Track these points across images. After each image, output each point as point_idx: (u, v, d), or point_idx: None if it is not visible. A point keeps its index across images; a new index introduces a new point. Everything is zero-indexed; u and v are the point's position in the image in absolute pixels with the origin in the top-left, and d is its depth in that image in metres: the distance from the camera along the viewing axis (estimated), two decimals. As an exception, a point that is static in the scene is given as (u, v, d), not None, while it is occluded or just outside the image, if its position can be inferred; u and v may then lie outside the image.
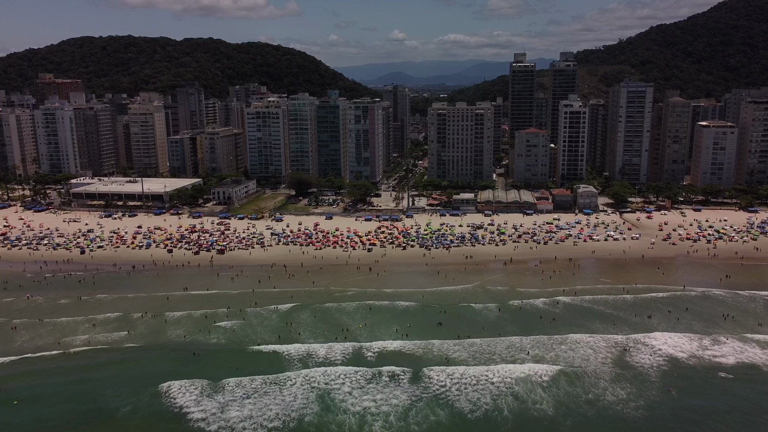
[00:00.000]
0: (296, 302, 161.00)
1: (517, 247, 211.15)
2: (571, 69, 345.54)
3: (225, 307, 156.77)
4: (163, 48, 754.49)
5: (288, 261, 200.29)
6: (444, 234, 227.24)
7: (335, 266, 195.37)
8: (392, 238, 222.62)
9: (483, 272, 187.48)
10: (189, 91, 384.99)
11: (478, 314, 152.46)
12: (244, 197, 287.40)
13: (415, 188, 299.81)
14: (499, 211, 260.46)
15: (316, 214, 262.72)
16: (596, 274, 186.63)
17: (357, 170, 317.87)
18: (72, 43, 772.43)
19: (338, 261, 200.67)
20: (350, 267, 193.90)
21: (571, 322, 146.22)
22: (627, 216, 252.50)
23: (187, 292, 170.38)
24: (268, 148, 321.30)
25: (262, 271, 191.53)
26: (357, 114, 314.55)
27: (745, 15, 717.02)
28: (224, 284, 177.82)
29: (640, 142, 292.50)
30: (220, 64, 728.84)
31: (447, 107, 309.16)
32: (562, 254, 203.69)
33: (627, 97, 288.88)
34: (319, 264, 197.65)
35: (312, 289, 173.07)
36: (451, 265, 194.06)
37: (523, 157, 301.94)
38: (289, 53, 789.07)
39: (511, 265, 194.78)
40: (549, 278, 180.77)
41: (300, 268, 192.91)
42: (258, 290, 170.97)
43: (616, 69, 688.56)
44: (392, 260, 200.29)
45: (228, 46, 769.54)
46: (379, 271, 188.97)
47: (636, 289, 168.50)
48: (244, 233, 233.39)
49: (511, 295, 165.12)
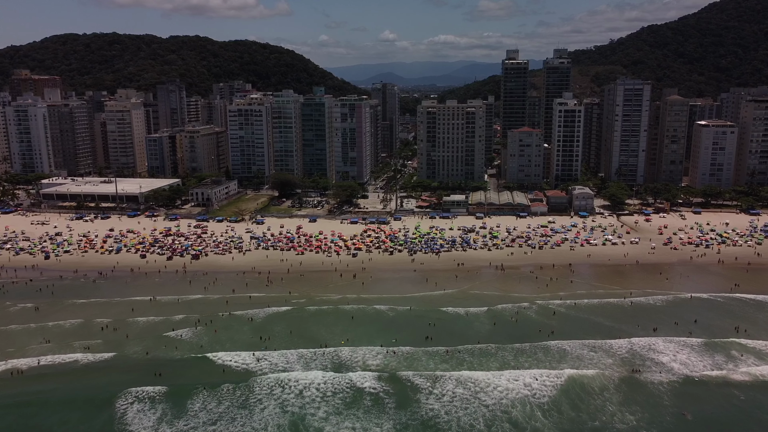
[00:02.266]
0: (272, 313, 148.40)
1: (511, 253, 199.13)
2: (565, 66, 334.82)
3: (194, 319, 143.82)
4: (148, 45, 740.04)
5: (266, 267, 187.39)
6: (434, 238, 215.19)
7: (317, 273, 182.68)
8: (379, 243, 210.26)
9: (475, 279, 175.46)
10: (170, 89, 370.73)
11: (469, 326, 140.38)
12: (225, 199, 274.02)
13: (404, 189, 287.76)
14: (492, 213, 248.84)
15: (300, 216, 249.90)
16: (595, 281, 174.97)
17: (343, 170, 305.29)
18: (55, 40, 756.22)
19: (320, 267, 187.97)
20: (333, 273, 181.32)
21: (571, 334, 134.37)
22: (624, 219, 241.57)
23: (155, 302, 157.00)
24: (250, 147, 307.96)
25: (238, 278, 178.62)
26: (343, 112, 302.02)
27: (735, 16, 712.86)
28: (196, 293, 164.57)
29: (637, 142, 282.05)
30: (206, 62, 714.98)
31: (437, 105, 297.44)
32: (559, 260, 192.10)
33: (624, 95, 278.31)
34: (300, 270, 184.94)
35: (290, 297, 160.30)
36: (440, 272, 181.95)
37: (516, 157, 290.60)
38: (277, 51, 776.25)
39: (504, 272, 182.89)
40: (545, 286, 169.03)
41: (279, 275, 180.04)
42: (232, 299, 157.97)
43: (608, 69, 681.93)
44: (378, 266, 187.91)
45: (215, 44, 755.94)
46: (363, 279, 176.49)
47: (638, 299, 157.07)
48: (222, 237, 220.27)
49: (505, 304, 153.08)
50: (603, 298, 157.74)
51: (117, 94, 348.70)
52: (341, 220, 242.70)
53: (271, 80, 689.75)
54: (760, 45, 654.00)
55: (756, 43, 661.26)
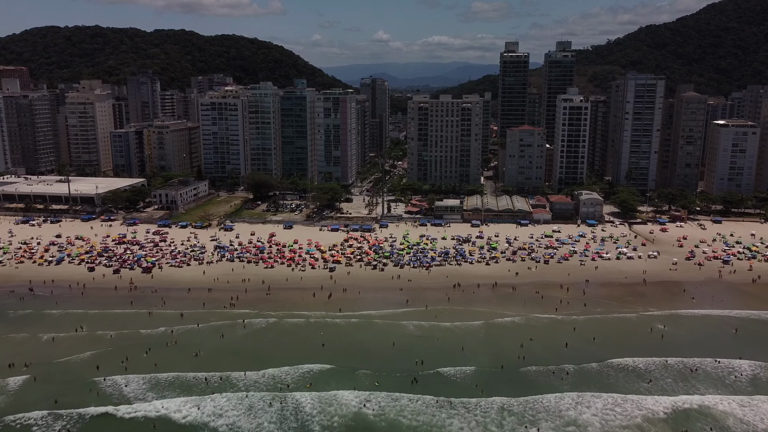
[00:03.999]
0: (223, 345, 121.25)
1: (515, 271, 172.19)
2: (569, 60, 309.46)
3: (123, 356, 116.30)
4: (131, 39, 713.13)
5: (228, 283, 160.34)
6: (424, 249, 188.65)
7: (286, 291, 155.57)
8: (361, 254, 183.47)
9: (471, 301, 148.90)
10: (141, 80, 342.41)
11: (464, 365, 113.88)
12: (193, 201, 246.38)
13: (392, 193, 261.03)
14: (489, 220, 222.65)
15: (274, 222, 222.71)
16: (613, 305, 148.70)
17: (326, 171, 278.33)
18: (35, 32, 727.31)
19: (291, 283, 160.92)
20: (305, 292, 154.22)
21: (590, 382, 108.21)
22: (638, 228, 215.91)
23: (82, 333, 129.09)
24: (225, 144, 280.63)
25: (191, 297, 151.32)
26: (326, 107, 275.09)
27: (735, 17, 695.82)
28: (136, 319, 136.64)
29: (649, 143, 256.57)
30: (190, 56, 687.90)
31: (429, 100, 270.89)
32: (568, 277, 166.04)
33: (635, 91, 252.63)
34: (267, 286, 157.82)
35: (252, 319, 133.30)
36: (431, 291, 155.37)
37: (516, 158, 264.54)
38: (265, 47, 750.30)
39: (504, 291, 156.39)
40: (554, 310, 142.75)
41: (241, 294, 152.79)
42: (177, 329, 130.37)
43: (606, 69, 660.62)
44: (359, 283, 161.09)
45: (200, 38, 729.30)
46: (340, 300, 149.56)
47: (669, 330, 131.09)
48: (182, 245, 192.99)
49: (508, 339, 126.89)
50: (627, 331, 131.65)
51: (80, 84, 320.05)
52: (320, 227, 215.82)
53: (258, 76, 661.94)
54: (761, 47, 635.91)
55: (756, 44, 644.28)
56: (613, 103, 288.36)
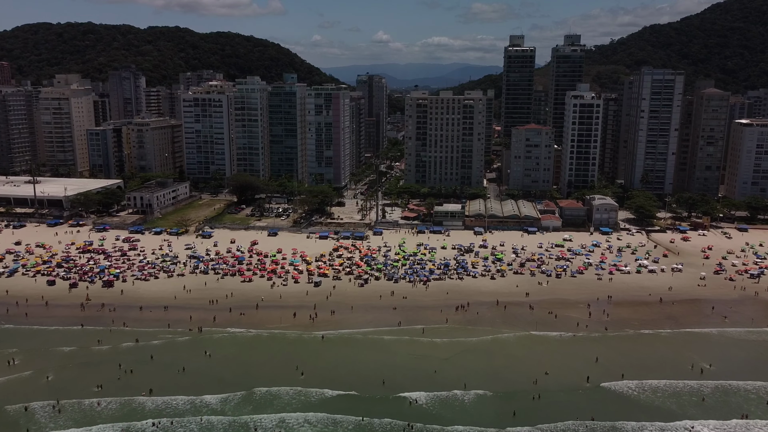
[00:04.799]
0: (175, 394, 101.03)
1: (520, 284, 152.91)
2: (577, 55, 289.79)
3: (51, 403, 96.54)
4: (124, 36, 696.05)
5: (198, 300, 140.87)
6: (421, 260, 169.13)
7: (262, 311, 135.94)
8: (351, 266, 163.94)
9: (475, 324, 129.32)
10: (123, 75, 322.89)
11: (467, 413, 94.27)
12: (171, 204, 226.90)
13: (388, 196, 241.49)
14: (493, 227, 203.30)
15: (258, 228, 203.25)
16: (639, 329, 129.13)
17: (317, 172, 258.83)
18: (26, 29, 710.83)
19: (269, 301, 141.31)
20: (285, 311, 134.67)
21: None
22: (657, 237, 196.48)
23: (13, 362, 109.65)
24: (208, 143, 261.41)
25: (154, 318, 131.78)
26: (318, 103, 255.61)
27: (741, 17, 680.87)
28: (80, 355, 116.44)
29: (666, 144, 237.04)
30: (184, 54, 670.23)
31: (428, 96, 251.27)
32: (584, 293, 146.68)
33: (651, 88, 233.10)
34: (242, 304, 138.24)
35: (212, 349, 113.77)
36: (428, 311, 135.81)
37: (522, 160, 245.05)
38: (261, 45, 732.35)
39: (512, 311, 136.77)
40: (572, 337, 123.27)
41: (210, 314, 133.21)
42: (127, 365, 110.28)
43: (610, 69, 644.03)
44: (347, 300, 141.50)
45: (195, 35, 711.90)
46: (324, 322, 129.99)
47: (706, 359, 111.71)
48: (153, 255, 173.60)
49: (517, 371, 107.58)
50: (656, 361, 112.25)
51: (55, 79, 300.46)
52: (308, 234, 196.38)
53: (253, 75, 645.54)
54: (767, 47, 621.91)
55: (763, 44, 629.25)
56: (626, 100, 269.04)
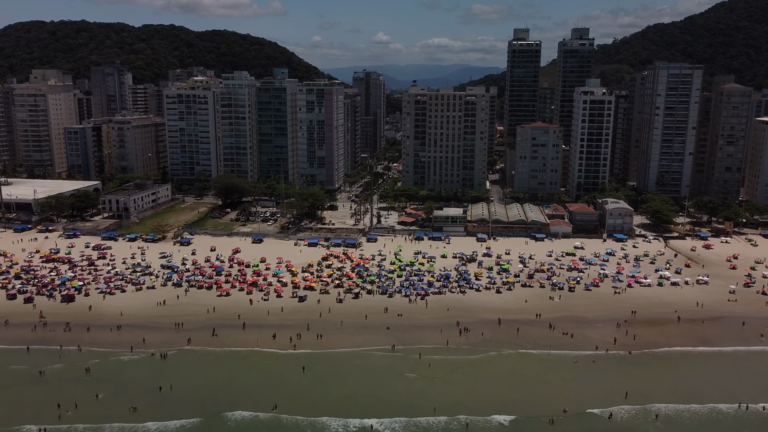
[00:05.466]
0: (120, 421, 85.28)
1: (529, 298, 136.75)
2: (586, 49, 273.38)
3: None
4: (117, 34, 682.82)
5: (166, 318, 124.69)
6: (419, 271, 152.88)
7: (238, 331, 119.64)
8: (340, 278, 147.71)
9: (479, 347, 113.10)
10: (106, 71, 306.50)
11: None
12: (151, 208, 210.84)
13: (384, 199, 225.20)
14: (497, 233, 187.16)
15: (241, 234, 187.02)
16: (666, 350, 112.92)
17: (309, 173, 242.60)
18: (19, 27, 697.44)
19: (246, 319, 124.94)
20: (262, 333, 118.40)
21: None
22: (676, 244, 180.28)
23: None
24: (193, 142, 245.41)
25: (114, 339, 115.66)
26: (309, 99, 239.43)
27: (746, 16, 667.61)
28: (17, 383, 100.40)
29: (683, 143, 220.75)
30: (178, 52, 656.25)
31: (428, 92, 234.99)
32: (601, 310, 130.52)
33: (667, 83, 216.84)
34: (215, 323, 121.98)
35: (166, 394, 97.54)
36: (426, 331, 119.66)
37: (527, 160, 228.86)
38: (258, 43, 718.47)
39: (522, 331, 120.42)
40: (591, 362, 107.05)
41: (177, 335, 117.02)
42: (73, 394, 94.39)
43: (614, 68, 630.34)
44: (335, 318, 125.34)
45: (190, 33, 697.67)
46: (306, 345, 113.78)
47: (751, 394, 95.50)
48: (124, 264, 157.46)
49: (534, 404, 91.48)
50: (693, 394, 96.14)
51: (32, 74, 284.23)
52: (296, 241, 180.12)
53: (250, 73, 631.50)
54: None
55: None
56: (637, 97, 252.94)
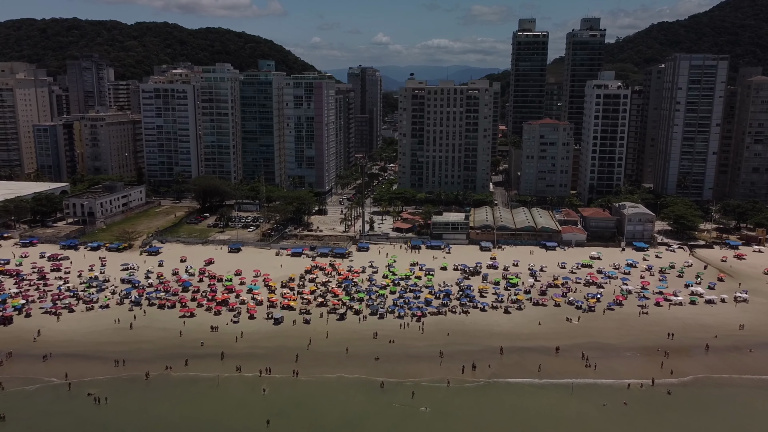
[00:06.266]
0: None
1: (543, 320, 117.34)
2: (597, 41, 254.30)
3: None
4: (109, 31, 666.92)
5: (115, 345, 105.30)
6: (415, 286, 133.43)
7: (197, 363, 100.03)
8: (325, 294, 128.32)
9: (485, 388, 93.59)
10: (84, 65, 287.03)
11: None
12: (121, 212, 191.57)
13: (378, 203, 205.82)
14: (503, 241, 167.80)
15: (218, 242, 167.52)
16: (710, 387, 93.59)
17: (297, 174, 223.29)
18: (9, 24, 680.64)
19: (209, 347, 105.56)
20: (226, 364, 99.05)
21: None
22: (703, 254, 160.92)
23: None
24: (172, 140, 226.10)
25: (47, 371, 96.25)
26: (297, 94, 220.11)
27: (751, 14, 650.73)
28: None
29: (706, 142, 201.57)
30: (171, 49, 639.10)
31: (426, 86, 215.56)
32: (627, 334, 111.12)
33: (689, 76, 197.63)
34: (171, 352, 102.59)
35: None
36: (422, 363, 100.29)
37: (535, 160, 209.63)
38: (253, 41, 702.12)
39: (538, 361, 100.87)
40: (623, 406, 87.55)
41: (125, 368, 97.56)
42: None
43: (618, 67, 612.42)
44: (314, 345, 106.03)
45: (183, 31, 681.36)
46: (275, 384, 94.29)
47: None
48: (79, 278, 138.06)
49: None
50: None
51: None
52: (278, 250, 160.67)
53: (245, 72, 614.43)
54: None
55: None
56: (653, 92, 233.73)
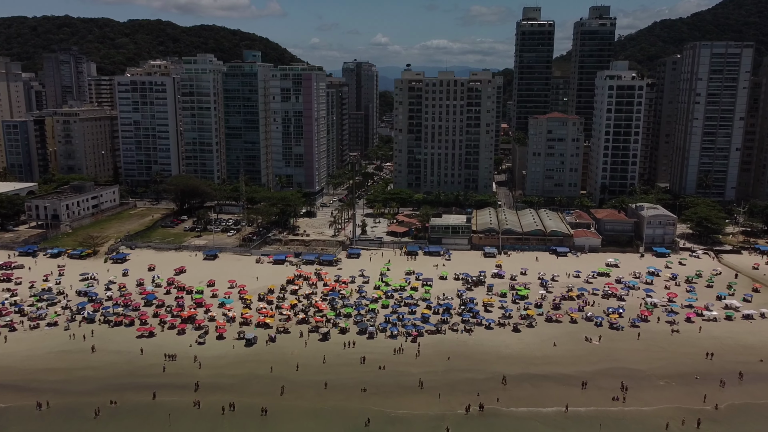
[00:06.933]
0: None
1: (558, 341, 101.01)
2: (607, 30, 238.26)
3: None
4: (100, 29, 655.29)
5: (52, 374, 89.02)
6: (410, 299, 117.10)
7: (146, 396, 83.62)
8: (306, 309, 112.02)
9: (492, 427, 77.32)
10: (61, 59, 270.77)
11: None
12: (91, 215, 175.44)
13: (372, 204, 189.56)
14: (510, 247, 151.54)
15: (192, 248, 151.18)
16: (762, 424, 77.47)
17: (285, 174, 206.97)
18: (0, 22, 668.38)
19: (168, 375, 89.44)
20: (183, 399, 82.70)
21: None
22: (731, 261, 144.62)
23: None
24: (150, 137, 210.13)
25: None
26: (284, 86, 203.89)
27: (756, 11, 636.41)
28: None
29: (728, 137, 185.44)
30: (163, 47, 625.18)
31: (424, 78, 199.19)
32: (660, 359, 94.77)
33: (710, 65, 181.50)
34: (121, 382, 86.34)
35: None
36: (417, 397, 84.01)
37: (542, 157, 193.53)
38: (248, 38, 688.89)
39: (555, 394, 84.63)
40: (665, 453, 71.31)
41: (62, 400, 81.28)
42: None
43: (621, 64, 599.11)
44: (289, 372, 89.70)
45: (176, 28, 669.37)
46: (239, 426, 78.00)
47: None
48: (32, 289, 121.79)
49: None
50: None
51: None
52: (258, 257, 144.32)
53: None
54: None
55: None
56: (668, 85, 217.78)
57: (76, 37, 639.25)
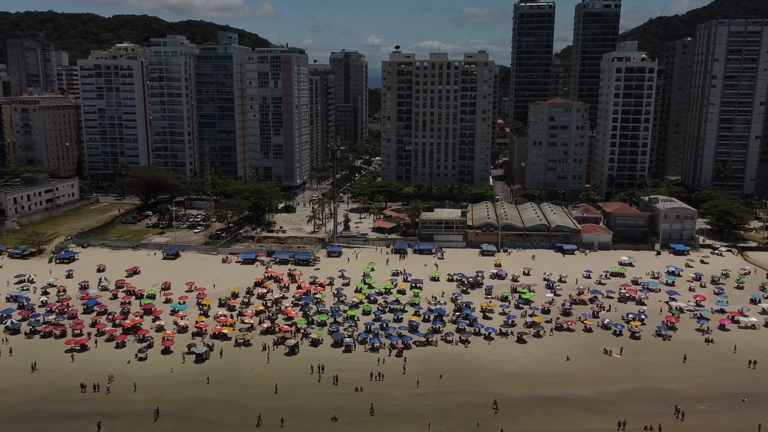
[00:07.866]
0: None
1: (571, 354, 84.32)
2: (611, 11, 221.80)
3: None
4: (84, 24, 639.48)
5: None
6: (396, 304, 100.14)
7: (61, 427, 66.39)
8: (272, 317, 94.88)
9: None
10: (26, 45, 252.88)
11: None
12: (44, 210, 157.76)
13: (358, 198, 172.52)
14: (510, 244, 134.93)
15: (151, 246, 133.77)
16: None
17: (263, 166, 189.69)
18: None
19: (93, 400, 72.17)
20: (107, 427, 65.41)
21: None
22: (758, 259, 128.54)
23: None
24: (116, 127, 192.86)
25: None
26: (262, 70, 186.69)
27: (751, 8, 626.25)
28: None
29: (747, 124, 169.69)
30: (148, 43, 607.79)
31: (414, 60, 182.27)
32: (695, 375, 78.39)
33: (728, 44, 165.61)
34: (33, 409, 69.20)
35: None
36: (401, 427, 66.87)
37: (544, 148, 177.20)
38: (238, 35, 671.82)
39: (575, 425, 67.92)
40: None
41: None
42: None
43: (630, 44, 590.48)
44: (243, 397, 72.65)
45: (162, 24, 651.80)
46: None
47: None
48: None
49: None
50: None
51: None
52: (226, 256, 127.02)
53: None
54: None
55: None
56: (678, 70, 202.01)
57: (59, 32, 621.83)
